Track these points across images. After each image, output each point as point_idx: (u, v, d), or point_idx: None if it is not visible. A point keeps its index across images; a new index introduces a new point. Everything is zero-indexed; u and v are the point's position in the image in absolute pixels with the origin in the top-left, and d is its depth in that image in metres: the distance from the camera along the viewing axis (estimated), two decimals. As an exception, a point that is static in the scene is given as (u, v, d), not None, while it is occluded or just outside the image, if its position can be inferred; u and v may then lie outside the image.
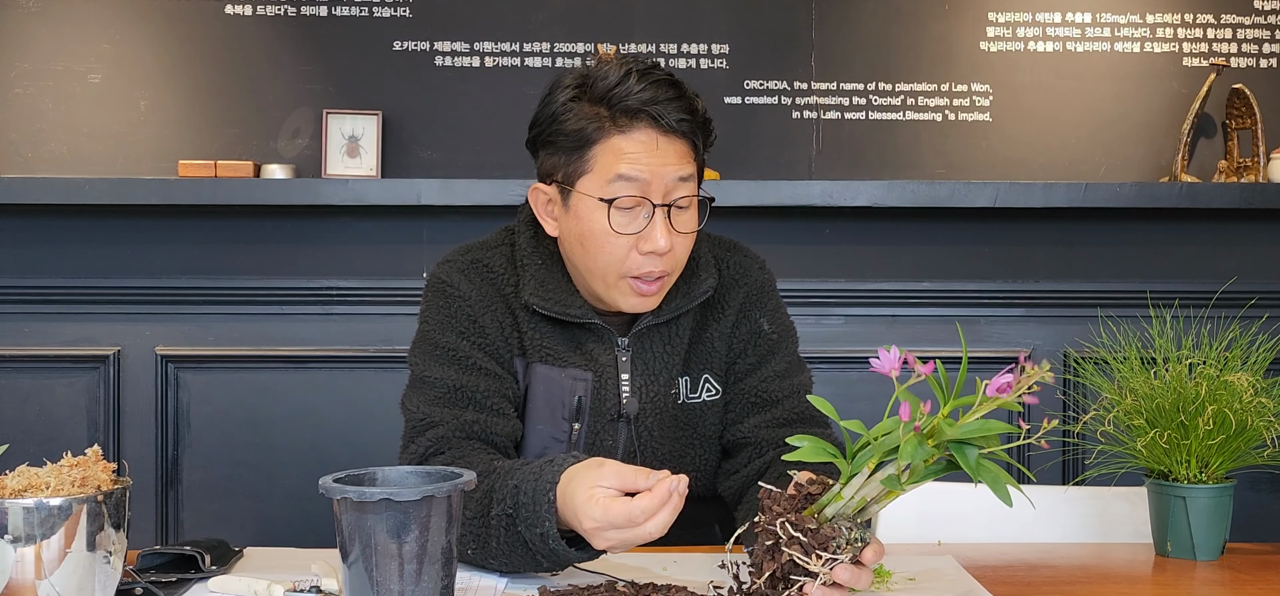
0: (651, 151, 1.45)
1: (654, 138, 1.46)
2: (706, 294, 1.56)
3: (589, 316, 1.53)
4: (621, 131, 1.45)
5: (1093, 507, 1.78)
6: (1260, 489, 2.97)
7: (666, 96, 1.46)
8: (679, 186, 1.47)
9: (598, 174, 1.46)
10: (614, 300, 1.51)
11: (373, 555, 1.09)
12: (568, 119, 1.47)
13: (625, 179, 1.45)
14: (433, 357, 1.52)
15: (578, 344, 1.54)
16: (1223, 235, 2.98)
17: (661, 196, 1.46)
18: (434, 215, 2.91)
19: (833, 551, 1.14)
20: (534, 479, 1.31)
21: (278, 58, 2.99)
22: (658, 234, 1.45)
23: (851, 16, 3.03)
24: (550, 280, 1.53)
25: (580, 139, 1.47)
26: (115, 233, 2.93)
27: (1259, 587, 1.41)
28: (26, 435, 2.91)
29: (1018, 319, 3.01)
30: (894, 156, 3.03)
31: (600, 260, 1.48)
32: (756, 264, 1.66)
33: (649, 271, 1.47)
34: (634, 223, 1.46)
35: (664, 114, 1.45)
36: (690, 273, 1.57)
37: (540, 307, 1.51)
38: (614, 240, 1.46)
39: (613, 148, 1.45)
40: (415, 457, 1.47)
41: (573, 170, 1.48)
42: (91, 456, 1.19)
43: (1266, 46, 3.04)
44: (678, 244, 1.48)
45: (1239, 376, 1.52)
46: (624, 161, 1.45)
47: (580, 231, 1.48)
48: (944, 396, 1.13)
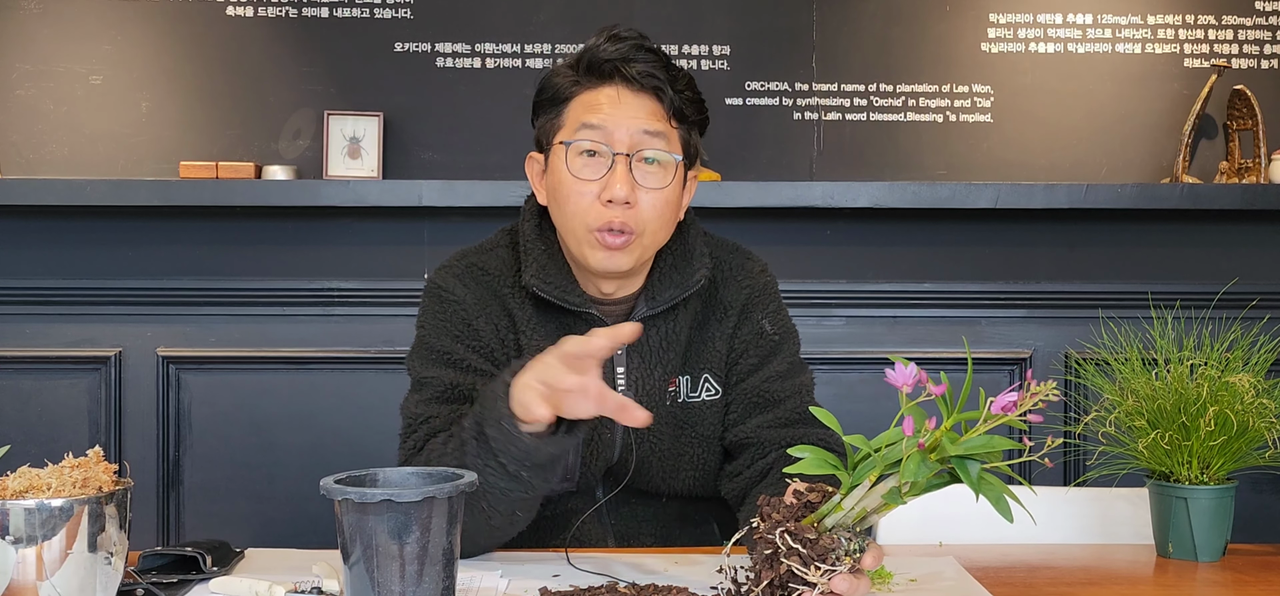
0: (616, 103, 1.51)
1: (620, 92, 1.51)
2: (700, 283, 1.57)
3: (586, 306, 1.55)
4: (592, 88, 1.52)
5: (1094, 509, 1.78)
6: (1262, 490, 2.97)
7: (638, 56, 1.52)
8: (645, 139, 1.50)
9: (568, 127, 1.53)
10: (586, 256, 1.53)
11: (374, 556, 1.09)
12: (551, 83, 1.56)
13: (588, 127, 1.50)
14: (428, 361, 1.55)
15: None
16: (1224, 236, 2.98)
17: (625, 146, 1.50)
18: (435, 216, 2.91)
19: (831, 562, 1.13)
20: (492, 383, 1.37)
21: (279, 59, 2.99)
22: (617, 182, 1.48)
23: (853, 17, 3.03)
24: (551, 266, 1.56)
25: (556, 96, 1.55)
26: (117, 234, 2.94)
27: (1261, 588, 1.41)
28: (28, 436, 2.91)
29: (1019, 320, 3.01)
30: (895, 157, 3.03)
31: (568, 210, 1.52)
32: (758, 266, 1.67)
33: (611, 222, 1.49)
34: (597, 170, 1.50)
35: (630, 69, 1.51)
36: (683, 262, 1.58)
37: (541, 291, 1.53)
38: (578, 187, 1.50)
39: (583, 101, 1.52)
40: (408, 452, 1.49)
41: (550, 127, 1.55)
42: (93, 457, 1.19)
43: (1268, 47, 3.04)
44: (644, 200, 1.50)
45: (1240, 377, 1.52)
46: (590, 112, 1.51)
47: (553, 184, 1.54)
48: (949, 413, 1.12)
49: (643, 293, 1.59)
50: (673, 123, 1.53)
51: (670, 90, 1.52)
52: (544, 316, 1.56)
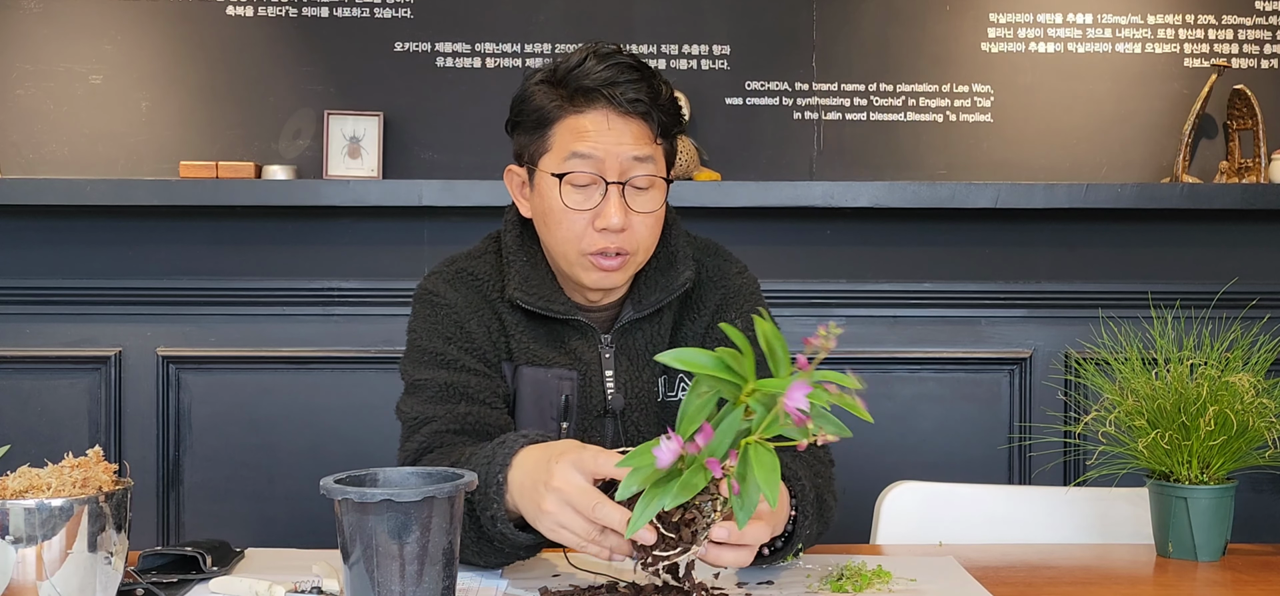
0: (604, 130, 1.49)
1: (609, 117, 1.50)
2: (685, 286, 1.58)
3: (573, 313, 1.55)
4: (578, 111, 1.50)
5: (1094, 508, 1.78)
6: (1262, 490, 2.97)
7: (624, 78, 1.49)
8: (635, 165, 1.50)
9: (556, 152, 1.51)
10: (579, 277, 1.53)
11: (374, 556, 1.10)
12: (532, 99, 1.53)
13: (579, 156, 1.49)
14: (422, 363, 1.55)
15: (562, 343, 1.56)
16: (1224, 236, 2.98)
17: (616, 174, 1.49)
18: (435, 216, 2.92)
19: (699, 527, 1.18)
20: (486, 461, 1.33)
21: (279, 59, 2.99)
22: (611, 211, 1.48)
23: (852, 17, 3.03)
24: (535, 277, 1.56)
25: (541, 118, 1.52)
26: (117, 233, 2.94)
27: (1260, 588, 1.41)
28: (28, 436, 2.91)
29: (1019, 320, 3.01)
30: (895, 157, 3.03)
31: (559, 236, 1.51)
32: (736, 268, 1.66)
33: (605, 248, 1.50)
34: (589, 200, 1.50)
35: (618, 94, 1.49)
36: (667, 264, 1.59)
37: (525, 303, 1.54)
38: (570, 217, 1.50)
39: (569, 126, 1.50)
40: (411, 454, 1.49)
41: (535, 149, 1.53)
42: (93, 457, 1.19)
43: (1268, 47, 3.04)
44: (636, 223, 1.51)
45: (1240, 377, 1.52)
46: (579, 140, 1.49)
47: (543, 209, 1.53)
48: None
49: (629, 297, 1.59)
50: (658, 142, 1.53)
51: (656, 112, 1.52)
52: (533, 321, 1.57)
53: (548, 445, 1.30)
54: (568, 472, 1.21)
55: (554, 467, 1.22)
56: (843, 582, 1.35)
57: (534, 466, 1.27)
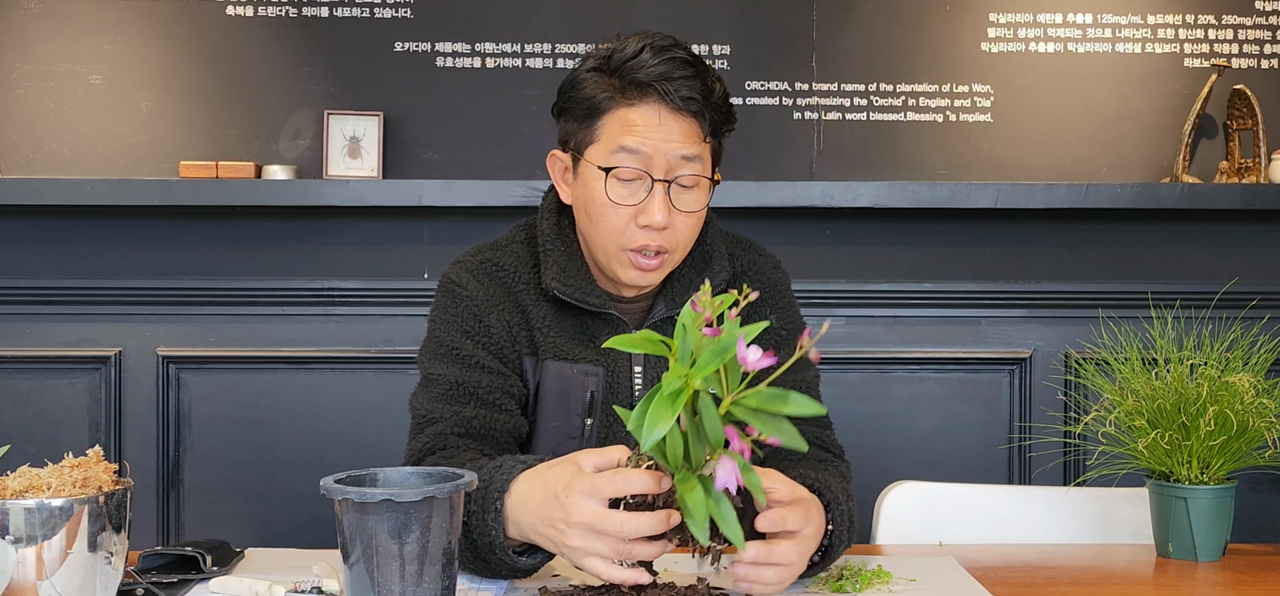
0: (655, 126, 1.47)
1: (660, 113, 1.47)
2: (721, 287, 1.56)
3: (606, 306, 1.54)
4: (629, 103, 1.48)
5: (1094, 508, 1.78)
6: (1262, 490, 2.96)
7: (679, 74, 1.47)
8: (682, 164, 1.48)
9: (603, 143, 1.49)
10: (616, 272, 1.52)
11: (374, 556, 1.10)
12: (583, 86, 1.51)
13: (627, 151, 1.47)
14: (438, 356, 1.54)
15: (591, 337, 1.55)
16: (1224, 236, 2.98)
17: (663, 172, 1.47)
18: (435, 216, 2.91)
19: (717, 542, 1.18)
20: (483, 487, 1.31)
21: (279, 58, 2.99)
22: (655, 209, 1.47)
23: (852, 17, 3.03)
24: (571, 268, 1.55)
25: (591, 107, 1.50)
26: (117, 233, 2.94)
27: (1260, 588, 1.41)
28: (28, 436, 2.91)
29: (1019, 320, 3.01)
30: (895, 157, 3.03)
31: (602, 228, 1.50)
32: (770, 263, 1.67)
33: (647, 245, 1.48)
34: (634, 195, 1.48)
35: (672, 90, 1.46)
36: (703, 262, 1.58)
37: (561, 293, 1.53)
38: (614, 211, 1.48)
39: (619, 119, 1.48)
40: (415, 453, 1.48)
41: (583, 138, 1.51)
42: (93, 457, 1.19)
43: (1268, 47, 3.04)
44: (678, 222, 1.49)
45: (1240, 377, 1.52)
46: (628, 133, 1.47)
47: (585, 199, 1.51)
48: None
49: (661, 293, 1.59)
50: (707, 140, 1.52)
51: (707, 110, 1.50)
52: (561, 314, 1.56)
53: (543, 476, 1.26)
54: (582, 504, 1.19)
55: (567, 503, 1.20)
56: (843, 582, 1.35)
57: (540, 505, 1.25)
